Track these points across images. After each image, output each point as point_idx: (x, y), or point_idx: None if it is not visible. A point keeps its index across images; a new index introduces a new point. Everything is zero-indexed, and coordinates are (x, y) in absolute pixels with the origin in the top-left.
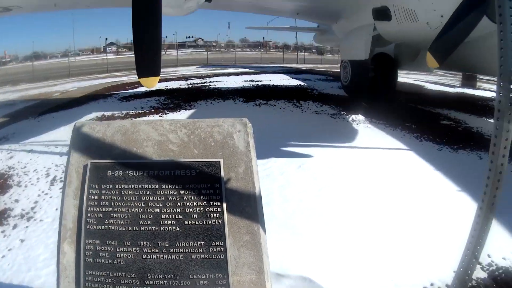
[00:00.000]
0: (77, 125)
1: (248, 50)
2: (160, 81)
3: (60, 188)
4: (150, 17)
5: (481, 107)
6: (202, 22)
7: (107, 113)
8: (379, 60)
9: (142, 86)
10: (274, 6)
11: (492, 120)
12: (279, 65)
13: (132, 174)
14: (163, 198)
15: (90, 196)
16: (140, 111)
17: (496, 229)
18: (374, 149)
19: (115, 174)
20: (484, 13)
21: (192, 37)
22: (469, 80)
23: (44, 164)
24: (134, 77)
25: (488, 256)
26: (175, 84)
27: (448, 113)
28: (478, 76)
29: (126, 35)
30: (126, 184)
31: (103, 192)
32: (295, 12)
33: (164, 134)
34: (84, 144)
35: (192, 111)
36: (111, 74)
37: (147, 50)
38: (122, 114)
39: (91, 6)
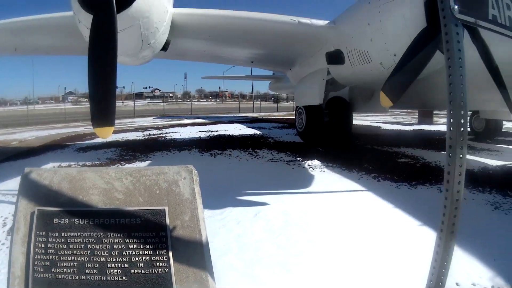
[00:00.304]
0: (25, 171)
1: (205, 100)
2: (117, 132)
3: None
4: (106, 66)
5: (438, 141)
6: (159, 73)
7: (64, 164)
8: (334, 104)
9: (99, 137)
10: (228, 55)
11: None
12: (235, 115)
13: (78, 222)
14: (108, 247)
15: (37, 243)
16: (96, 162)
17: (461, 256)
18: (331, 192)
19: (62, 222)
20: (437, 47)
21: (149, 87)
22: (426, 117)
23: (1, 214)
24: (91, 128)
25: (457, 284)
26: (131, 136)
27: (405, 151)
28: (435, 112)
29: (85, 85)
30: (72, 232)
31: (50, 240)
32: (250, 61)
33: (110, 182)
34: (32, 190)
35: (147, 162)
36: (68, 124)
37: (102, 100)
38: (79, 165)
39: (51, 53)
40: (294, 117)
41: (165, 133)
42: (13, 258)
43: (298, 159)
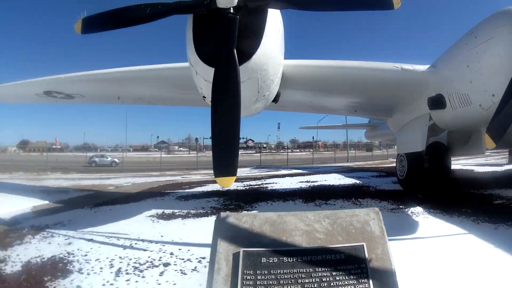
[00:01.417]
0: (221, 216)
1: (298, 151)
2: (215, 182)
3: (127, 280)
4: (230, 117)
5: None
6: (250, 123)
7: (167, 211)
8: (433, 150)
9: (199, 186)
10: (331, 104)
11: None
12: (331, 165)
13: (286, 260)
14: (318, 280)
15: (244, 282)
16: (201, 211)
17: None
18: (436, 237)
19: (270, 261)
20: None
21: (242, 138)
22: None
23: (107, 255)
24: (189, 177)
25: None
26: (231, 186)
27: (500, 192)
28: None
29: (177, 134)
30: (281, 269)
31: (258, 277)
32: (353, 110)
33: (310, 224)
34: (231, 233)
35: (254, 212)
36: (164, 172)
37: (225, 150)
38: (183, 213)
39: (153, 103)
40: (388, 166)
41: (265, 183)
42: None
43: (401, 206)
